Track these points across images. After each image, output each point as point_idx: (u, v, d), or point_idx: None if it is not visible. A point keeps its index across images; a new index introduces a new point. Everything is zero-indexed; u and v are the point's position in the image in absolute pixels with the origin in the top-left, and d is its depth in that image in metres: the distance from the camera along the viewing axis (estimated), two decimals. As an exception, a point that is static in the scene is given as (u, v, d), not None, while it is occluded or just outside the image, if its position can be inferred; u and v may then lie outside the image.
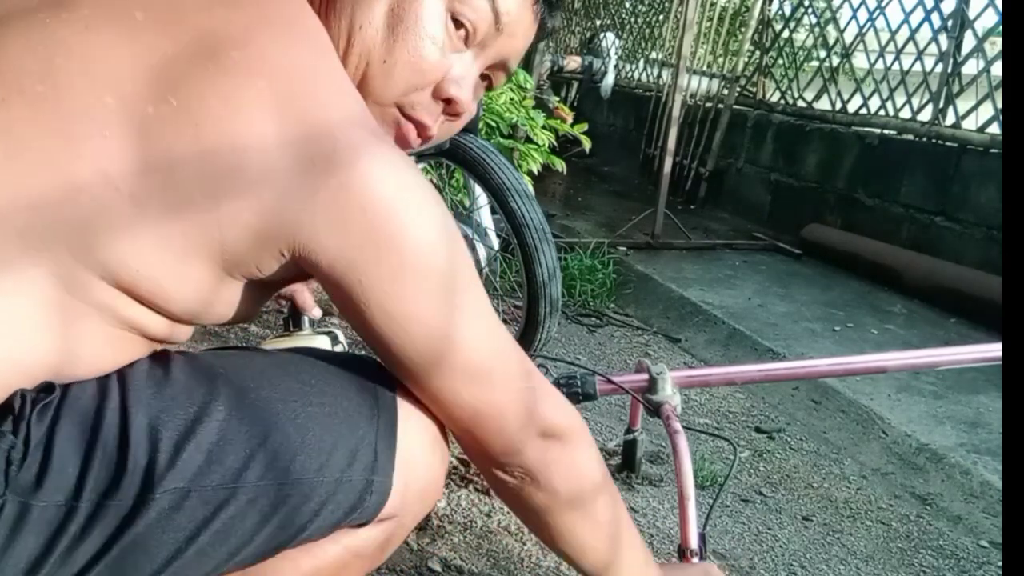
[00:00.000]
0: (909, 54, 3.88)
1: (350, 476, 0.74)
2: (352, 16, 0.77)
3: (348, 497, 0.75)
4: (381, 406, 0.78)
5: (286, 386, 0.74)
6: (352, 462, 0.74)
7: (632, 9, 6.64)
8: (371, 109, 0.79)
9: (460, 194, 2.45)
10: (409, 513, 0.83)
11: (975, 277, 3.16)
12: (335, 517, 0.75)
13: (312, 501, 0.73)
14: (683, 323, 2.93)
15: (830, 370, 1.58)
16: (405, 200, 0.70)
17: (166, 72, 0.65)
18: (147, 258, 0.66)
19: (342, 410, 0.76)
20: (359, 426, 0.76)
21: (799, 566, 1.55)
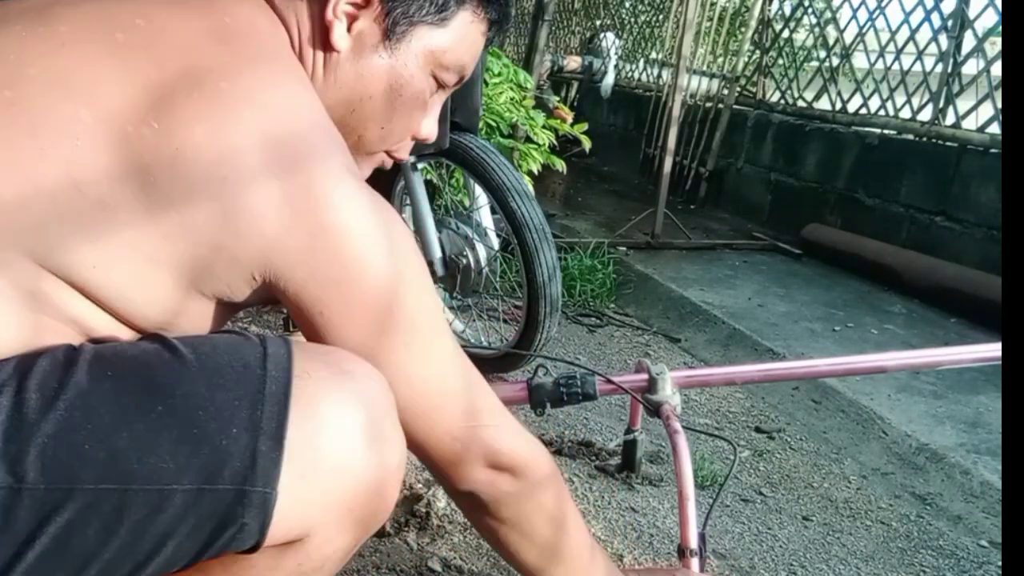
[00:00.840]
0: (909, 54, 3.88)
1: (216, 484, 0.63)
2: (353, 89, 0.83)
3: (214, 510, 0.63)
4: (267, 396, 0.66)
5: (149, 374, 0.65)
6: (220, 468, 0.63)
7: (632, 9, 6.64)
8: (365, 159, 0.88)
9: (460, 194, 2.45)
10: (333, 530, 0.70)
11: (975, 277, 3.16)
12: (202, 534, 0.64)
13: (166, 512, 0.62)
14: (683, 323, 2.93)
15: (830, 370, 1.58)
16: (373, 245, 0.73)
17: (150, 96, 0.67)
18: (111, 261, 0.67)
19: (214, 403, 0.64)
20: (233, 422, 0.64)
21: (799, 566, 1.55)
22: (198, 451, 0.62)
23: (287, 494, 0.65)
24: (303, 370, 0.68)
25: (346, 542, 0.72)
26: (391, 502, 0.74)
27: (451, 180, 2.53)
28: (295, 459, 0.65)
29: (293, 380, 0.67)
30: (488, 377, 2.32)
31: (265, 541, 0.66)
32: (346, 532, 0.71)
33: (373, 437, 0.70)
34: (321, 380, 0.68)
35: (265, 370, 0.66)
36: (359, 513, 0.71)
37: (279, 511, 0.65)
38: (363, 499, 0.70)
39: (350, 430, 0.69)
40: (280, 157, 0.69)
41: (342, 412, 0.68)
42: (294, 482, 0.65)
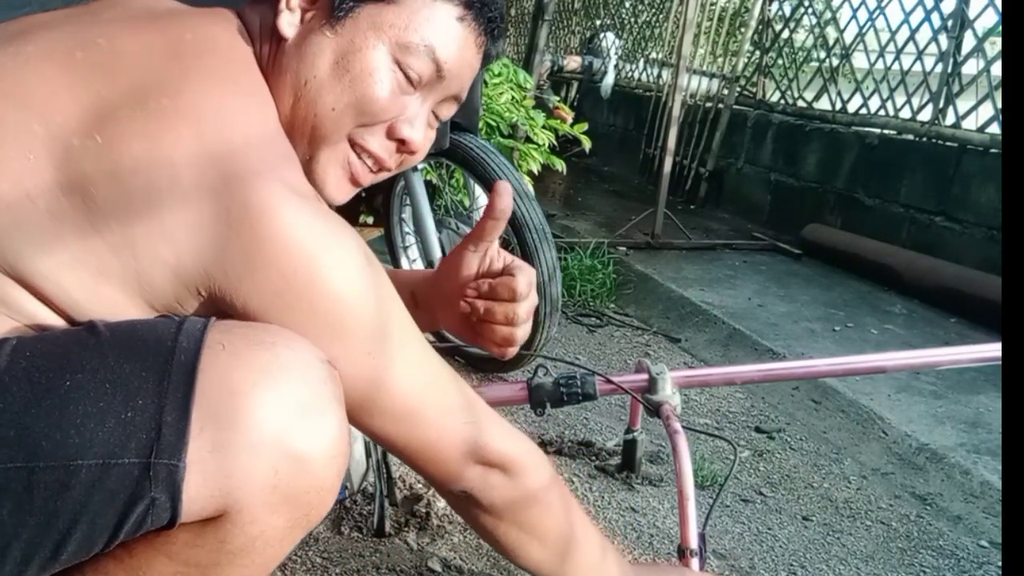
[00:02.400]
0: (909, 54, 3.88)
1: (121, 458, 0.62)
2: (296, 72, 0.81)
3: (122, 485, 0.62)
4: (175, 366, 0.64)
5: (63, 353, 0.64)
6: (125, 440, 0.62)
7: (632, 9, 6.64)
8: (323, 154, 0.83)
9: (460, 194, 2.45)
10: (259, 508, 0.67)
11: (975, 277, 3.16)
12: (114, 511, 0.63)
13: (74, 488, 0.61)
14: (683, 323, 2.93)
15: (830, 370, 1.58)
16: (318, 252, 0.71)
17: (97, 111, 0.69)
18: (61, 271, 0.68)
19: (120, 375, 0.63)
20: (139, 394, 0.63)
21: (799, 566, 1.55)
22: (103, 424, 0.61)
23: (198, 467, 0.63)
24: (216, 341, 0.66)
25: (278, 522, 0.69)
26: (328, 482, 0.70)
27: (451, 180, 2.53)
28: (205, 431, 0.63)
29: (204, 351, 0.65)
30: (488, 377, 2.33)
31: (181, 517, 0.64)
32: (276, 511, 0.68)
33: (295, 411, 0.67)
34: (235, 351, 0.66)
35: (176, 342, 0.65)
36: (287, 491, 0.67)
37: (191, 485, 0.63)
38: (289, 476, 0.67)
39: (267, 403, 0.66)
40: (216, 172, 0.69)
41: (259, 385, 0.66)
42: (206, 455, 0.63)
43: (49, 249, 0.67)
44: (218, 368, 0.65)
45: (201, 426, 0.63)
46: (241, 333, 0.68)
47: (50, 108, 0.69)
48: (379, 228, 2.89)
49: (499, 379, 2.14)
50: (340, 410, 0.71)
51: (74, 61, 0.71)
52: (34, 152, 0.67)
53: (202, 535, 0.67)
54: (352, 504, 1.46)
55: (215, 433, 0.64)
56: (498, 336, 0.94)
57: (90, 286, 0.69)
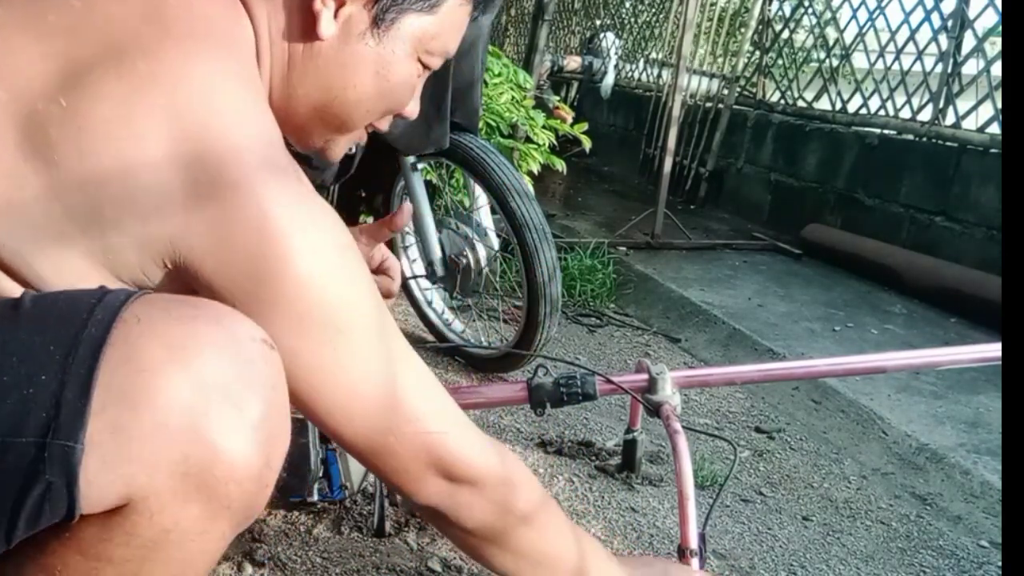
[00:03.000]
0: (909, 54, 3.88)
1: (18, 436, 0.57)
2: (336, 76, 0.82)
3: (17, 465, 0.57)
4: (83, 340, 0.59)
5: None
6: (24, 418, 0.57)
7: (632, 9, 6.64)
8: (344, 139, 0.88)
9: (460, 194, 2.45)
10: (168, 497, 0.61)
11: (975, 277, 3.16)
12: (10, 494, 0.58)
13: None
14: (683, 323, 2.93)
15: (830, 370, 1.58)
16: (291, 232, 0.68)
17: (65, 74, 0.65)
18: (22, 240, 0.65)
19: (29, 349, 0.59)
20: (44, 369, 0.58)
21: (799, 566, 1.55)
22: (4, 400, 0.57)
23: (97, 450, 0.58)
24: (133, 315, 0.61)
25: (194, 513, 0.63)
26: (250, 471, 0.64)
27: (451, 180, 2.53)
28: (107, 410, 0.58)
29: (116, 324, 0.60)
30: (488, 377, 2.33)
31: (80, 505, 0.59)
32: (188, 501, 0.62)
33: (211, 390, 0.62)
34: (151, 325, 0.61)
35: (91, 314, 0.60)
36: (200, 479, 0.62)
37: (89, 469, 0.58)
38: (201, 463, 0.61)
39: (178, 382, 0.60)
40: (190, 142, 0.66)
41: (169, 362, 0.60)
42: (106, 437, 0.58)
43: (9, 217, 0.65)
44: (128, 343, 0.60)
45: (103, 405, 0.58)
46: (164, 306, 0.63)
47: (16, 73, 0.66)
48: (379, 228, 2.87)
49: (499, 379, 2.15)
50: (272, 394, 0.66)
51: (46, 25, 0.68)
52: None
53: (109, 527, 0.62)
54: (352, 504, 1.46)
55: (118, 413, 0.58)
56: None
57: (52, 256, 0.66)
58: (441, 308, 2.37)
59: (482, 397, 1.38)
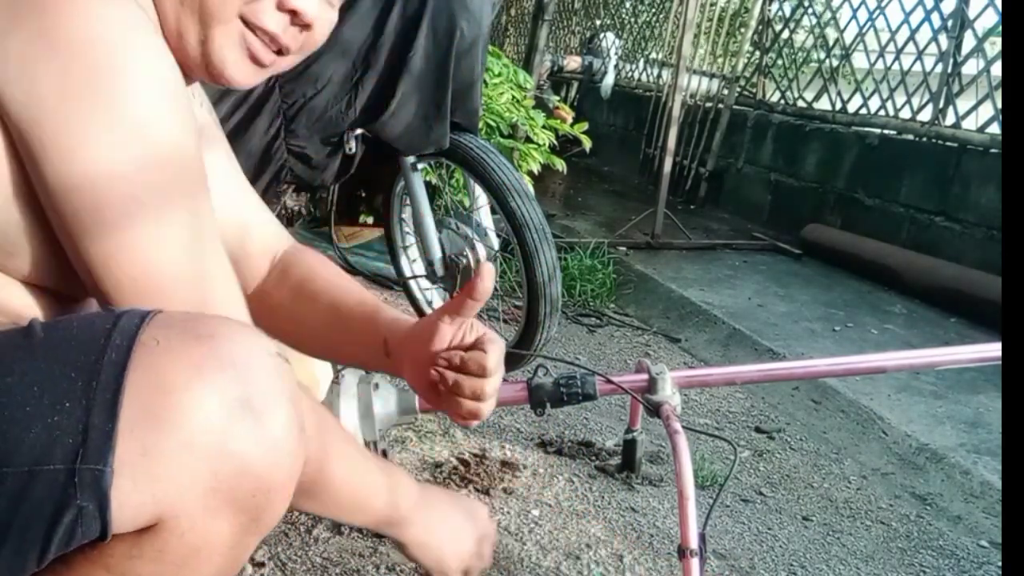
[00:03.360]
0: (909, 54, 3.88)
1: (47, 464, 0.57)
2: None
3: (47, 492, 0.58)
4: (105, 365, 0.59)
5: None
6: (51, 445, 0.57)
7: (632, 9, 6.64)
8: (217, 33, 0.77)
9: (460, 194, 2.45)
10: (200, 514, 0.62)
11: (975, 277, 3.16)
12: (42, 521, 0.58)
13: (1, 499, 0.58)
14: (683, 323, 2.93)
15: (830, 370, 1.58)
16: (110, 53, 0.64)
17: None
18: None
19: (50, 377, 0.59)
20: (67, 396, 0.58)
21: (799, 566, 1.55)
22: (29, 430, 0.57)
23: (127, 471, 0.58)
24: (151, 337, 0.61)
25: (224, 528, 0.64)
26: (276, 483, 0.65)
27: (451, 180, 2.53)
28: (135, 433, 0.58)
29: (136, 347, 0.60)
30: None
31: (112, 526, 0.59)
32: (219, 516, 0.63)
33: (235, 406, 0.62)
34: (170, 346, 0.61)
35: (109, 340, 0.60)
36: (229, 494, 0.62)
37: (120, 491, 0.58)
38: (229, 478, 0.62)
39: (203, 400, 0.60)
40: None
41: (193, 381, 0.60)
42: (136, 459, 0.58)
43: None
44: (151, 365, 0.60)
45: (131, 428, 0.58)
46: (180, 326, 0.63)
47: None
48: (379, 228, 2.89)
49: (499, 379, 2.14)
50: (290, 407, 0.66)
51: None
52: None
53: (139, 545, 0.62)
54: (352, 504, 1.46)
55: (146, 435, 0.59)
56: (464, 409, 0.90)
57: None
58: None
59: (482, 397, 1.37)
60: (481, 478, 1.62)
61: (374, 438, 1.24)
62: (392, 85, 1.87)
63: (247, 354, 0.64)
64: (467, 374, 0.88)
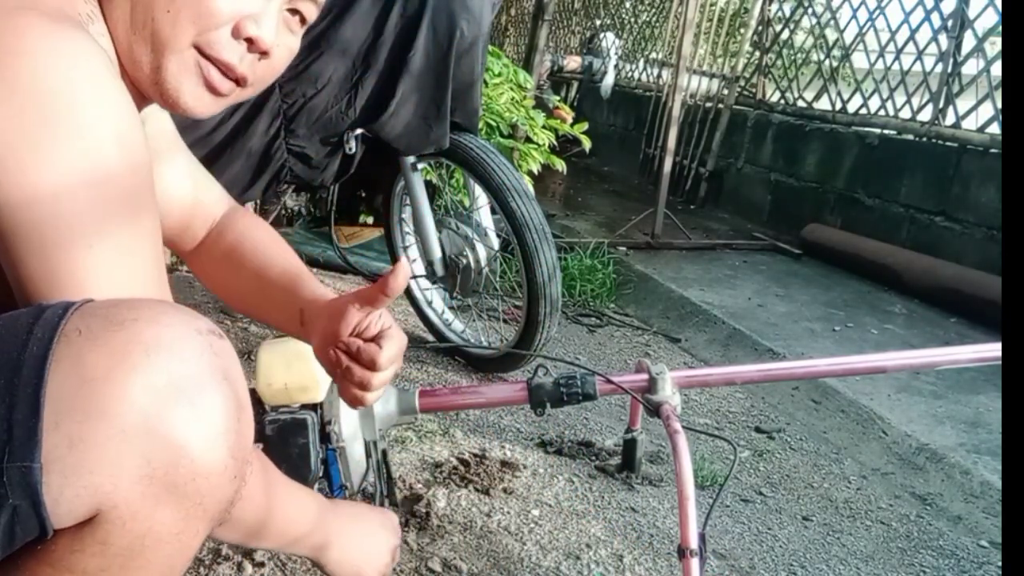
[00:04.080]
0: (909, 54, 3.88)
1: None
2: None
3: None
4: (26, 360, 0.58)
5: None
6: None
7: (632, 9, 6.64)
8: (171, 63, 0.77)
9: (460, 194, 2.45)
10: (139, 502, 0.61)
11: (975, 277, 3.16)
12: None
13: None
14: (683, 323, 2.93)
15: (830, 370, 1.58)
16: (62, 94, 0.64)
17: None
18: None
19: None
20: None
21: (799, 566, 1.55)
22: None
23: (57, 466, 0.57)
24: (74, 328, 0.60)
25: (166, 515, 0.63)
26: (216, 465, 0.64)
27: (451, 180, 2.53)
28: (61, 426, 0.57)
29: (58, 339, 0.59)
30: (488, 377, 2.33)
31: (50, 522, 0.58)
32: (160, 503, 0.62)
33: (165, 392, 0.61)
34: (92, 335, 0.60)
35: (31, 334, 0.59)
36: (167, 480, 0.61)
37: (52, 487, 0.57)
38: (165, 465, 0.61)
39: (128, 386, 0.59)
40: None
41: (116, 368, 0.59)
42: (64, 452, 0.57)
43: None
44: (72, 356, 0.59)
45: (56, 421, 0.57)
46: (103, 314, 0.62)
47: None
48: (379, 228, 2.89)
49: (499, 379, 2.15)
50: (226, 385, 0.65)
51: None
52: None
53: (81, 538, 0.61)
54: (352, 504, 1.46)
55: (72, 427, 0.58)
56: (348, 395, 0.93)
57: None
58: (441, 308, 2.37)
59: (482, 397, 1.38)
60: (481, 478, 1.62)
61: (374, 438, 1.24)
62: (392, 85, 1.87)
63: (173, 335, 0.62)
64: (359, 364, 0.90)
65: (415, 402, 1.30)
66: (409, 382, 2.07)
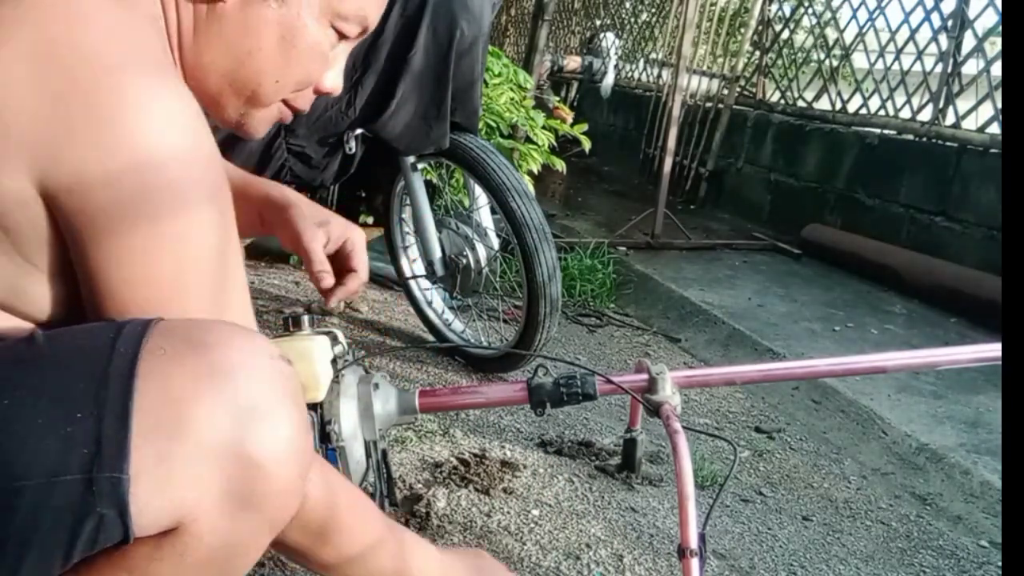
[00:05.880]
0: (909, 54, 3.88)
1: (63, 475, 0.59)
2: (239, 42, 0.78)
3: (66, 502, 0.59)
4: (112, 375, 0.61)
5: (3, 373, 0.62)
6: (65, 456, 0.59)
7: (632, 9, 6.64)
8: (259, 113, 0.84)
9: (460, 194, 2.45)
10: (216, 515, 0.64)
11: (975, 277, 3.16)
12: (63, 531, 0.60)
13: (19, 511, 0.59)
14: (683, 323, 2.93)
15: (830, 370, 1.58)
16: (163, 153, 0.66)
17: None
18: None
19: (59, 388, 0.61)
20: (77, 407, 0.60)
21: (799, 566, 1.55)
22: (43, 441, 0.59)
23: (144, 478, 0.60)
24: (156, 346, 0.63)
25: (241, 528, 0.66)
26: (287, 483, 0.68)
27: (451, 180, 2.53)
28: (149, 440, 0.60)
29: (142, 356, 0.62)
30: (488, 377, 2.33)
31: (133, 530, 0.61)
32: (236, 518, 0.65)
33: (243, 414, 0.64)
34: (176, 355, 0.63)
35: (113, 349, 0.62)
36: (244, 496, 0.64)
37: (138, 497, 0.60)
38: (243, 482, 0.64)
39: (212, 408, 0.63)
40: (53, 62, 0.63)
41: (201, 390, 0.63)
42: (152, 466, 0.60)
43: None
44: (158, 374, 0.62)
45: (144, 436, 0.60)
46: (183, 334, 0.65)
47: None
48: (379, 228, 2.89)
49: (499, 379, 2.14)
50: (294, 408, 0.68)
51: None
52: None
53: (160, 547, 0.64)
54: (352, 504, 1.46)
55: (159, 443, 0.61)
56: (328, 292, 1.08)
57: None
58: (441, 308, 2.37)
59: (482, 397, 1.37)
60: (481, 478, 1.62)
61: (374, 438, 1.24)
62: (392, 85, 1.87)
63: (251, 360, 0.66)
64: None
65: (415, 402, 1.30)
66: (409, 382, 2.07)
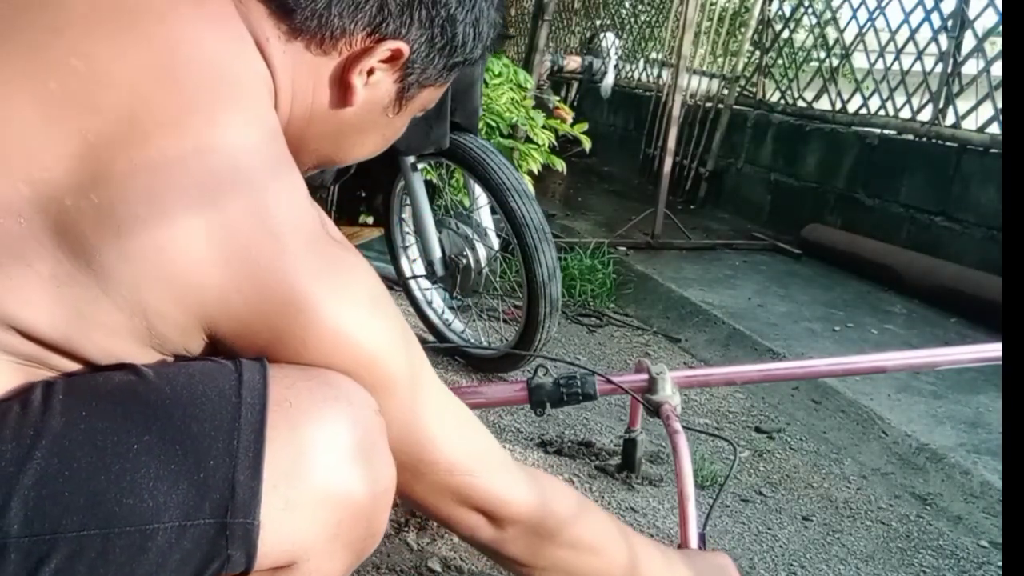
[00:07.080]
0: (909, 54, 3.88)
1: (197, 519, 0.62)
2: (344, 138, 0.87)
3: (198, 545, 0.63)
4: (243, 425, 0.65)
5: (123, 410, 0.63)
6: (199, 501, 0.62)
7: (632, 9, 6.64)
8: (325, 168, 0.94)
9: (460, 194, 2.45)
10: (324, 557, 0.69)
11: (975, 277, 3.16)
12: (189, 570, 0.63)
13: (150, 552, 0.61)
14: (683, 323, 2.93)
15: (830, 370, 1.58)
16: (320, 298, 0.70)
17: (86, 162, 0.62)
18: (71, 325, 0.64)
19: (190, 435, 0.63)
20: (210, 454, 0.63)
21: (799, 566, 1.55)
22: (176, 486, 0.62)
23: (271, 523, 0.64)
24: (283, 397, 0.67)
25: (338, 567, 0.71)
26: (381, 526, 0.74)
27: (451, 180, 2.53)
28: (278, 487, 0.65)
29: (270, 407, 0.66)
30: (488, 377, 2.32)
31: (253, 568, 0.65)
32: (336, 558, 0.70)
33: (359, 461, 0.69)
34: (302, 408, 0.68)
35: (240, 398, 0.65)
36: (348, 538, 0.70)
37: (265, 541, 0.64)
38: (351, 525, 0.70)
39: (333, 456, 0.68)
40: (233, 235, 0.66)
41: (324, 439, 0.68)
42: (278, 511, 0.65)
43: (56, 310, 0.63)
44: (286, 426, 0.66)
45: (274, 484, 0.64)
46: (305, 388, 0.69)
47: (31, 161, 0.61)
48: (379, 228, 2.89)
49: (499, 379, 2.15)
50: (390, 460, 0.74)
51: (49, 95, 0.63)
52: (24, 216, 0.61)
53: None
54: (352, 504, 1.46)
55: (287, 491, 0.65)
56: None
57: (100, 341, 0.66)
58: (441, 308, 2.37)
59: (482, 397, 1.38)
60: (481, 478, 1.62)
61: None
62: (392, 85, 1.86)
63: (364, 416, 0.71)
64: None
65: (415, 402, 1.30)
66: (409, 382, 2.07)
